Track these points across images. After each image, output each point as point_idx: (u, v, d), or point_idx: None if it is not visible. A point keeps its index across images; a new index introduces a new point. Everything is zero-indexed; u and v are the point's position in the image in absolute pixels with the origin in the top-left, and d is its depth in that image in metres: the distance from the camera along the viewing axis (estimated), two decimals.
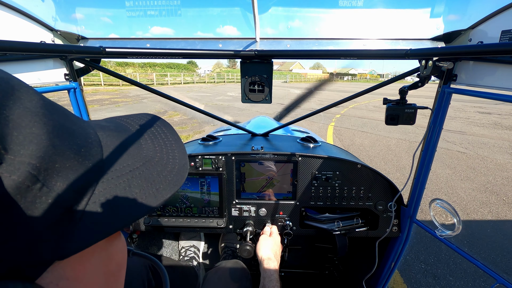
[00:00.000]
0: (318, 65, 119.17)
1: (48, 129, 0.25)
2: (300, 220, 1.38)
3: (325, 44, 1.08)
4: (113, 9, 1.08)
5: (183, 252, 1.83)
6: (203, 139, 1.56)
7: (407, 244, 1.30)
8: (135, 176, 0.33)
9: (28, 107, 0.25)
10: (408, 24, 1.04)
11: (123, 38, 1.12)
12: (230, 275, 1.15)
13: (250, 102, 1.09)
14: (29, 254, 0.23)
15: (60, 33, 1.05)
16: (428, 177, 1.14)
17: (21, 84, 0.26)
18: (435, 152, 1.09)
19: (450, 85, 0.99)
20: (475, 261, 1.00)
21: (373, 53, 0.95)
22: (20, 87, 0.26)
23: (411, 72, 1.12)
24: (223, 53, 0.99)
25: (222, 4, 1.12)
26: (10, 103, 0.24)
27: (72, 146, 0.28)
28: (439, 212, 2.75)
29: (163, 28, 1.14)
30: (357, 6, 1.00)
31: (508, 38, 0.77)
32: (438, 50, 0.84)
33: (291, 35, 1.09)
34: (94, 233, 0.27)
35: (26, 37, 0.94)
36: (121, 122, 0.42)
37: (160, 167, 0.36)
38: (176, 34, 1.12)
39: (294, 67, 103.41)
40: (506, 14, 0.79)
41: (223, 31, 1.09)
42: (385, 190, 1.31)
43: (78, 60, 1.14)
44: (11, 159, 0.22)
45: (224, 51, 0.99)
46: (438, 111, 1.03)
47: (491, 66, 0.85)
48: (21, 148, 0.22)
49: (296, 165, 1.32)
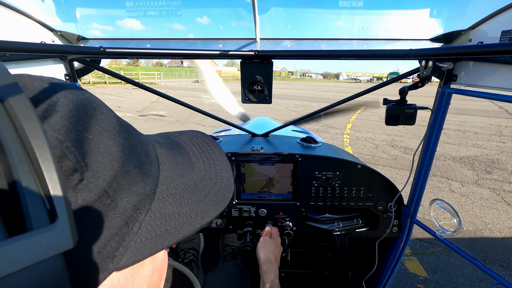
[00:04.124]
0: (232, 62, 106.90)
1: (120, 148, 0.28)
2: (300, 220, 1.38)
3: (325, 44, 1.08)
4: (113, 9, 1.08)
5: (182, 255, 1.83)
6: None
7: (407, 244, 1.30)
8: (186, 195, 0.34)
9: (105, 127, 0.27)
10: (408, 24, 1.04)
11: (123, 39, 1.12)
12: (230, 277, 1.14)
13: (250, 102, 1.09)
14: (93, 263, 0.24)
15: (60, 33, 1.05)
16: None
17: (101, 105, 0.29)
18: (435, 152, 1.09)
19: (450, 86, 0.99)
20: (475, 261, 1.00)
21: (373, 53, 0.95)
22: (100, 107, 0.28)
23: (411, 72, 1.12)
24: (223, 53, 0.98)
25: (222, 4, 1.12)
26: (92, 124, 0.26)
27: (136, 163, 0.29)
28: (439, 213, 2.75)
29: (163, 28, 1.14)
30: (357, 6, 1.00)
31: (508, 39, 0.77)
32: (438, 50, 0.84)
33: (291, 35, 1.09)
34: (149, 246, 0.28)
35: (26, 37, 0.94)
36: (176, 139, 0.43)
37: (208, 187, 0.37)
38: (176, 34, 1.12)
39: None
40: (506, 14, 0.79)
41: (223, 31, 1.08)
42: (385, 190, 1.31)
43: (78, 60, 1.14)
44: (90, 177, 0.24)
45: (224, 51, 0.99)
46: (438, 111, 1.03)
47: (491, 66, 0.85)
48: (99, 165, 0.25)
49: (296, 166, 1.32)
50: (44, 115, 0.24)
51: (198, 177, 0.37)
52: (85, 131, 0.25)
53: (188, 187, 0.35)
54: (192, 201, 0.34)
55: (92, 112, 0.27)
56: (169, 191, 0.33)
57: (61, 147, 0.23)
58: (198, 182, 0.37)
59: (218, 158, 0.43)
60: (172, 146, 0.40)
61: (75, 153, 0.23)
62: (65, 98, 0.26)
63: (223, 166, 0.42)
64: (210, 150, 0.43)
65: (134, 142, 0.31)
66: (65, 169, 0.22)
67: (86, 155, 0.24)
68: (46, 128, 0.22)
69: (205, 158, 0.41)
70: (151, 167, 0.32)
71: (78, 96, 0.27)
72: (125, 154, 0.28)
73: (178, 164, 0.37)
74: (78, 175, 0.23)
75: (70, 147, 0.23)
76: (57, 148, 0.22)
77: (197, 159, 0.40)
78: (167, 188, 0.33)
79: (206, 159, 0.41)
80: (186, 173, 0.36)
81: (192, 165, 0.39)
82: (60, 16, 1.03)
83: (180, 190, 0.34)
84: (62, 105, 0.25)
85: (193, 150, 0.42)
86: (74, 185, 0.23)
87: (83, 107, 0.26)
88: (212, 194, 0.37)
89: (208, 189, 0.37)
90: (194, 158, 0.40)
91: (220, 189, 0.38)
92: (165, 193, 0.32)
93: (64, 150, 0.23)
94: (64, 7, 1.05)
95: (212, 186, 0.38)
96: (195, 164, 0.39)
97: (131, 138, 0.31)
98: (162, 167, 0.34)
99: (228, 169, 0.43)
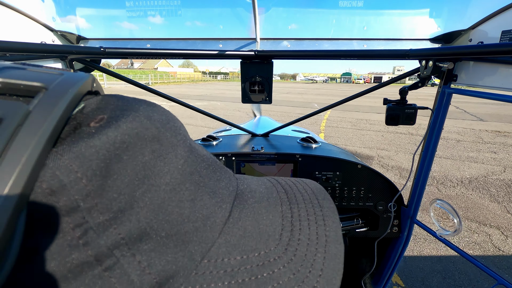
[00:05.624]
0: (188, 63, 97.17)
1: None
2: None
3: (325, 44, 1.08)
4: (113, 9, 1.08)
5: None
6: (203, 139, 1.56)
7: (407, 244, 1.30)
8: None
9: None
10: (408, 24, 1.04)
11: (123, 39, 1.12)
12: None
13: (250, 102, 1.09)
14: None
15: (60, 33, 1.05)
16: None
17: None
18: (435, 152, 1.09)
19: (450, 85, 0.99)
20: (475, 262, 1.00)
21: (373, 53, 0.95)
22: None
23: (411, 72, 1.12)
24: (223, 53, 0.98)
25: (222, 4, 1.12)
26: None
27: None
28: (439, 213, 2.74)
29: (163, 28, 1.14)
30: (357, 6, 1.00)
31: (509, 39, 0.77)
32: (438, 50, 0.84)
33: (291, 35, 1.09)
34: None
35: (26, 38, 0.94)
36: (280, 188, 0.31)
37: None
38: (176, 34, 1.12)
39: (160, 64, 75.09)
40: (507, 14, 0.79)
41: (223, 31, 1.08)
42: (385, 190, 1.31)
43: (79, 60, 1.14)
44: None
45: (224, 51, 0.99)
46: (438, 111, 1.03)
47: (491, 66, 0.85)
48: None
49: (296, 166, 1.32)
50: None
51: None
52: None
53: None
54: None
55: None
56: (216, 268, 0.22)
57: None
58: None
59: (326, 235, 0.27)
60: (268, 198, 0.28)
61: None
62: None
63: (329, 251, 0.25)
64: (321, 221, 0.28)
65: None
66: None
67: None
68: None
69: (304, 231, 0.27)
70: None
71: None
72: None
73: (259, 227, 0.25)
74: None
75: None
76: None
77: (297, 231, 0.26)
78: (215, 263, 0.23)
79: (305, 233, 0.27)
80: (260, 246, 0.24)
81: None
82: (60, 16, 1.03)
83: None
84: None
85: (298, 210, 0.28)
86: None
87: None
88: None
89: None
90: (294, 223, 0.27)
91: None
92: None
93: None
94: (64, 7, 1.05)
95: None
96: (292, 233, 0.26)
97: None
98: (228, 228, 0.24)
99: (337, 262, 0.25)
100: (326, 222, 0.28)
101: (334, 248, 0.26)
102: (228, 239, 0.24)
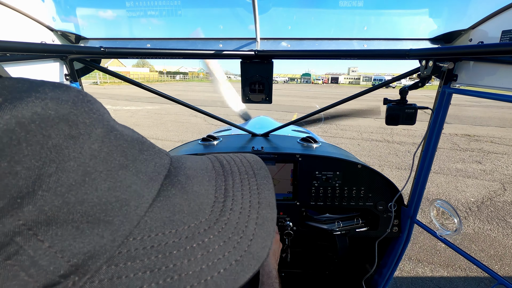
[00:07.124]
0: (143, 63, 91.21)
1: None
2: (301, 220, 1.38)
3: (325, 44, 1.08)
4: (113, 9, 1.07)
5: None
6: (204, 139, 1.56)
7: (407, 244, 1.30)
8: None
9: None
10: (408, 24, 1.04)
11: (123, 38, 1.12)
12: None
13: (250, 102, 1.09)
14: None
15: (60, 33, 1.05)
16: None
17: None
18: (435, 152, 1.09)
19: (451, 85, 0.99)
20: (475, 261, 1.00)
21: (373, 53, 0.95)
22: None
23: (411, 72, 1.12)
24: (223, 53, 0.98)
25: (222, 4, 1.12)
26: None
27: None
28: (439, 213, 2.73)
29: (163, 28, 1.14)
30: (357, 6, 1.00)
31: (509, 38, 0.77)
32: (438, 50, 0.84)
33: (291, 35, 1.09)
34: None
35: (26, 38, 0.94)
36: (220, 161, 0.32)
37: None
38: (176, 34, 1.12)
39: (111, 64, 66.08)
40: (507, 14, 0.79)
41: (223, 31, 1.08)
42: (385, 190, 1.31)
43: (79, 60, 1.14)
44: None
45: (224, 51, 0.99)
46: (439, 111, 1.03)
47: (491, 66, 0.85)
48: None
49: (297, 165, 1.32)
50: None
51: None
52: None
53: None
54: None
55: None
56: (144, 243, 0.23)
57: None
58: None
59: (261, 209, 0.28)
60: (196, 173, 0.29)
61: None
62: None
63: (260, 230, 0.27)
64: (254, 187, 0.30)
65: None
66: None
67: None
68: None
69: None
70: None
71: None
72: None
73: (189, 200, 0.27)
74: None
75: None
76: None
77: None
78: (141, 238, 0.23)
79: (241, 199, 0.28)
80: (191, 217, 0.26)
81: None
82: (60, 16, 1.03)
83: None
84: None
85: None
86: None
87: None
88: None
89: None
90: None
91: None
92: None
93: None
94: (64, 7, 1.05)
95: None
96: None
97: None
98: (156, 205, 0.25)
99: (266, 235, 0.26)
100: (260, 189, 0.29)
101: (267, 213, 0.28)
102: (156, 216, 0.24)
